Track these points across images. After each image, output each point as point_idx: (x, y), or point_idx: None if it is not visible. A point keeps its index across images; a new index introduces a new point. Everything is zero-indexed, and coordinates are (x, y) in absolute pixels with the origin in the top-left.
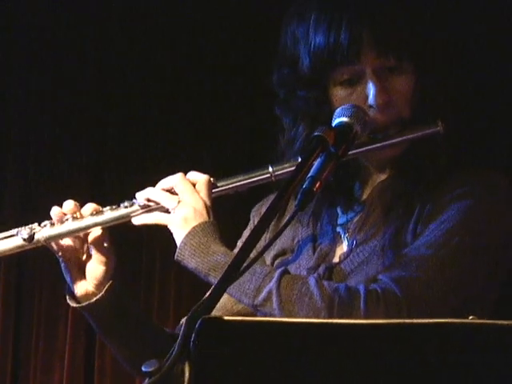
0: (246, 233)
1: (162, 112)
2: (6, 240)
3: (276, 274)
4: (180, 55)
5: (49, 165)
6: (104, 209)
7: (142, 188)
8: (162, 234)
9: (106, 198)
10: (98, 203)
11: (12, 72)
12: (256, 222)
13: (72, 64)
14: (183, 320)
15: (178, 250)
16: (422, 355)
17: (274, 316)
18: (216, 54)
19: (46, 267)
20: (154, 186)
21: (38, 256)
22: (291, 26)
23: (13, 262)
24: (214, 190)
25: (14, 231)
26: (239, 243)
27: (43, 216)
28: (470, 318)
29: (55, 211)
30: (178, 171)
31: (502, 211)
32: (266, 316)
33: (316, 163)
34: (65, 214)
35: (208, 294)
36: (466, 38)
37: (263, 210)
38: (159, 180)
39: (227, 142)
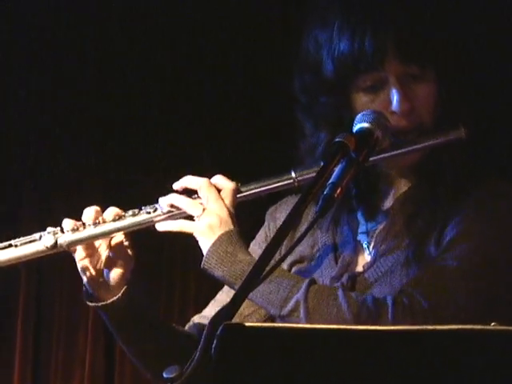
0: (259, 236)
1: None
2: (28, 245)
3: (304, 285)
4: (181, 55)
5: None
6: (126, 213)
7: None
8: (182, 236)
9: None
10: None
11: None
12: (271, 226)
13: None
14: (193, 319)
15: (204, 258)
16: (444, 361)
17: None
18: (217, 54)
19: (65, 274)
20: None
21: (58, 263)
22: (313, 31)
23: (33, 269)
24: (237, 196)
25: (36, 236)
26: (252, 246)
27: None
28: (492, 324)
29: (67, 223)
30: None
31: None
32: None
33: (337, 169)
34: (82, 222)
35: (230, 300)
36: (488, 47)
37: (278, 213)
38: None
39: (228, 142)
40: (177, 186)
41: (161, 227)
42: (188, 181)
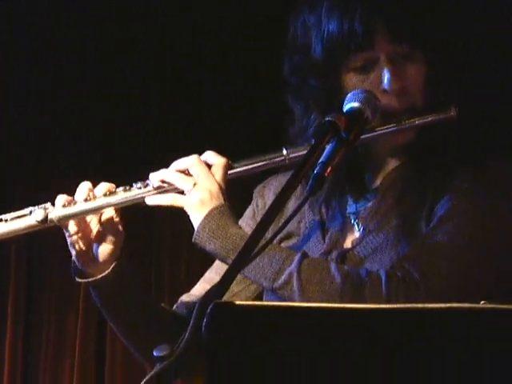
0: (248, 213)
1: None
2: (18, 220)
3: (296, 258)
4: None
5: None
6: (117, 189)
7: (153, 167)
8: (171, 214)
9: (116, 176)
10: (108, 181)
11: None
12: (259, 203)
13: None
14: (182, 298)
15: (195, 232)
16: (434, 340)
17: (293, 299)
18: (218, 53)
19: (56, 254)
20: (165, 167)
21: (48, 241)
22: (302, 14)
23: (23, 248)
24: (228, 172)
25: (26, 211)
26: (240, 222)
27: (55, 193)
28: (482, 302)
29: (61, 199)
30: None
31: None
32: (285, 299)
33: (327, 148)
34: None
35: (221, 277)
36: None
37: (266, 190)
38: (169, 160)
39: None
40: (168, 170)
41: (151, 201)
42: (178, 162)
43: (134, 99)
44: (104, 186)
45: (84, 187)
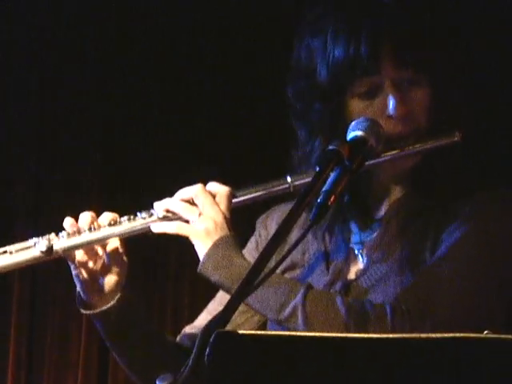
0: (250, 244)
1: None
2: (22, 252)
3: (301, 290)
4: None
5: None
6: (121, 219)
7: (156, 195)
8: (175, 245)
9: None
10: (110, 209)
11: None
12: (262, 233)
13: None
14: (185, 329)
15: (201, 263)
16: (438, 369)
17: (298, 331)
18: (217, 55)
19: (59, 279)
20: (169, 195)
21: (51, 266)
22: (306, 38)
23: (26, 273)
24: (233, 201)
25: (30, 242)
26: (244, 253)
27: (55, 220)
28: (485, 332)
29: (69, 223)
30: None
31: None
32: (289, 330)
33: (330, 177)
34: (79, 226)
35: (224, 306)
36: (484, 50)
37: (269, 220)
38: (173, 186)
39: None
40: (173, 199)
41: (156, 228)
42: (183, 192)
43: (135, 100)
44: (107, 216)
45: (87, 216)
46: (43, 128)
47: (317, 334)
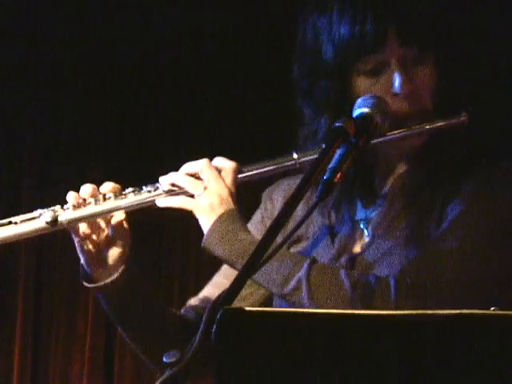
0: (256, 217)
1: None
2: (28, 223)
3: (305, 264)
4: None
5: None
6: (126, 191)
7: (159, 172)
8: (181, 219)
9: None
10: (117, 173)
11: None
12: (268, 206)
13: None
14: (190, 301)
15: (204, 237)
16: (443, 346)
17: (302, 305)
18: (229, 51)
19: (64, 254)
20: (174, 170)
21: (57, 242)
22: (311, 16)
23: (32, 249)
24: (238, 176)
25: (35, 213)
26: (249, 227)
27: (60, 197)
28: (492, 309)
29: (72, 196)
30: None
31: None
32: (294, 305)
33: (336, 154)
34: (83, 199)
35: (231, 282)
36: (490, 27)
37: (275, 194)
38: (179, 162)
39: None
40: (178, 174)
41: (161, 203)
42: (188, 166)
43: (144, 96)
44: (109, 185)
45: (88, 188)
46: (60, 113)
47: (323, 311)
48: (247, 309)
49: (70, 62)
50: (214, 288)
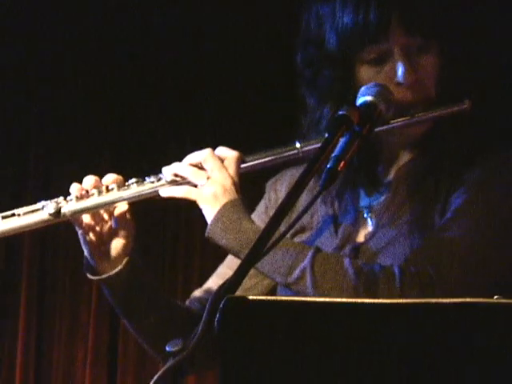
0: (261, 207)
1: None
2: (31, 214)
3: (310, 253)
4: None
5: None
6: (129, 182)
7: (162, 155)
8: (185, 209)
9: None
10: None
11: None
12: (271, 197)
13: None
14: (194, 293)
15: (208, 227)
16: (447, 334)
17: (306, 294)
18: (231, 42)
19: (68, 245)
20: (178, 161)
21: (61, 232)
22: (314, 5)
23: (35, 240)
24: (241, 166)
25: (39, 205)
26: (252, 217)
27: (64, 188)
28: (496, 297)
29: (75, 187)
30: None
31: None
32: (298, 294)
33: (340, 142)
34: (85, 190)
35: (234, 271)
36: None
37: (279, 184)
38: (181, 154)
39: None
40: (181, 164)
41: (164, 193)
42: (191, 156)
43: (144, 96)
44: (112, 177)
45: (90, 180)
46: (63, 107)
47: (326, 300)
48: (250, 298)
49: (69, 61)
50: (218, 279)
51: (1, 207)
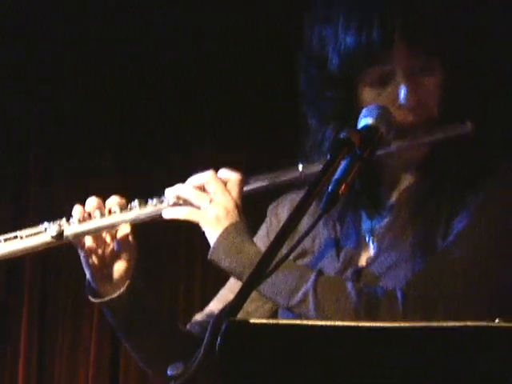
0: (262, 231)
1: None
2: (33, 237)
3: (312, 276)
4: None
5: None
6: (132, 204)
7: (166, 180)
8: (186, 231)
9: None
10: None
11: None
12: (273, 221)
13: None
14: (196, 317)
15: (211, 249)
16: (448, 358)
17: (308, 317)
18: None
19: (69, 261)
20: (181, 182)
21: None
22: (317, 26)
23: (37, 256)
24: (244, 189)
25: (41, 228)
26: (255, 241)
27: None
28: (497, 321)
29: (77, 210)
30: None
31: None
32: (300, 317)
33: (341, 166)
34: (88, 213)
35: (236, 294)
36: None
37: (280, 208)
38: (184, 173)
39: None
40: (184, 186)
41: (167, 214)
42: (194, 178)
43: (146, 88)
44: (115, 200)
45: (93, 201)
46: (51, 102)
47: (328, 323)
48: (252, 321)
49: (69, 61)
50: (219, 303)
51: (1, 207)
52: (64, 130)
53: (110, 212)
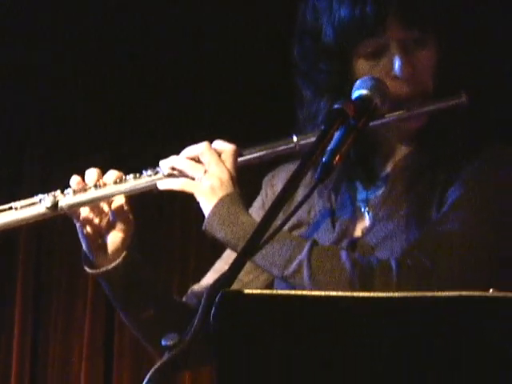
0: (257, 203)
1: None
2: (28, 208)
3: (307, 245)
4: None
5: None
6: (127, 177)
7: (161, 157)
8: (181, 203)
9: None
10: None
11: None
12: (268, 193)
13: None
14: (192, 288)
15: (206, 220)
16: (442, 328)
17: (303, 287)
18: (228, 35)
19: (64, 239)
20: (175, 154)
21: (57, 226)
22: None
23: (32, 234)
24: (239, 160)
25: (36, 199)
26: (250, 212)
27: (62, 182)
28: (491, 291)
29: (75, 180)
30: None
31: None
32: (295, 288)
33: (336, 136)
34: (85, 183)
35: (230, 264)
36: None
37: (275, 180)
38: (177, 150)
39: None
40: (179, 157)
41: (162, 185)
42: (188, 150)
43: (146, 88)
44: (113, 174)
45: (93, 173)
46: (62, 101)
47: (322, 293)
48: (246, 291)
49: (69, 61)
50: (215, 274)
51: None
52: (63, 131)
53: (104, 184)
